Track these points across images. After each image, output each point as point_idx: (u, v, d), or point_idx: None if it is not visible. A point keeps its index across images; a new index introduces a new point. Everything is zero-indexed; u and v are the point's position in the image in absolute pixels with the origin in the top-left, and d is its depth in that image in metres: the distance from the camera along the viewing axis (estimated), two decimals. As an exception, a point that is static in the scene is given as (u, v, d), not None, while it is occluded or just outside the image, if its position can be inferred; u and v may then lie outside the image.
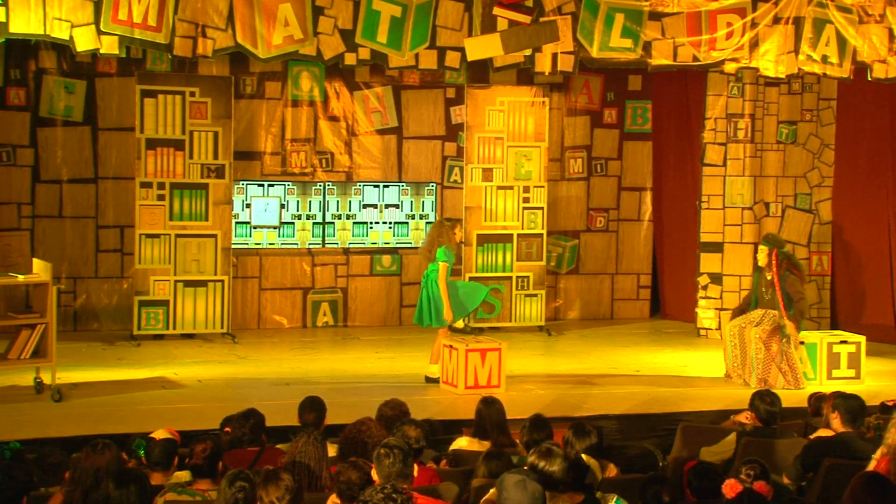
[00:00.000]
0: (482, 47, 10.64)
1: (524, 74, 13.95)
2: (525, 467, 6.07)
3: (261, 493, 5.74)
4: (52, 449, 7.48)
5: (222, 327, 13.54)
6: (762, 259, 11.62)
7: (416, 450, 6.88)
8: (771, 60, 11.86)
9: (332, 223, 14.78)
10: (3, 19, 9.75)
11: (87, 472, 6.28)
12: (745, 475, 6.36)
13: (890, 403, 9.05)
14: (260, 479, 5.86)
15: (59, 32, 9.95)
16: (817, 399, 8.94)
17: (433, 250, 11.48)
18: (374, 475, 6.13)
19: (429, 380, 11.48)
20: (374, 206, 14.90)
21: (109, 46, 10.14)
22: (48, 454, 7.15)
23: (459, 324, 12.46)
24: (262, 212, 14.52)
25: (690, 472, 6.59)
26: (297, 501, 5.83)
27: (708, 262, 14.48)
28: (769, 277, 11.55)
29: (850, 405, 7.83)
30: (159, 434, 6.87)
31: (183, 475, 6.72)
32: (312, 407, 7.71)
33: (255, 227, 14.52)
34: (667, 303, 15.87)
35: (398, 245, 14.99)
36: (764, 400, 8.26)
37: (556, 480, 5.97)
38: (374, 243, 14.95)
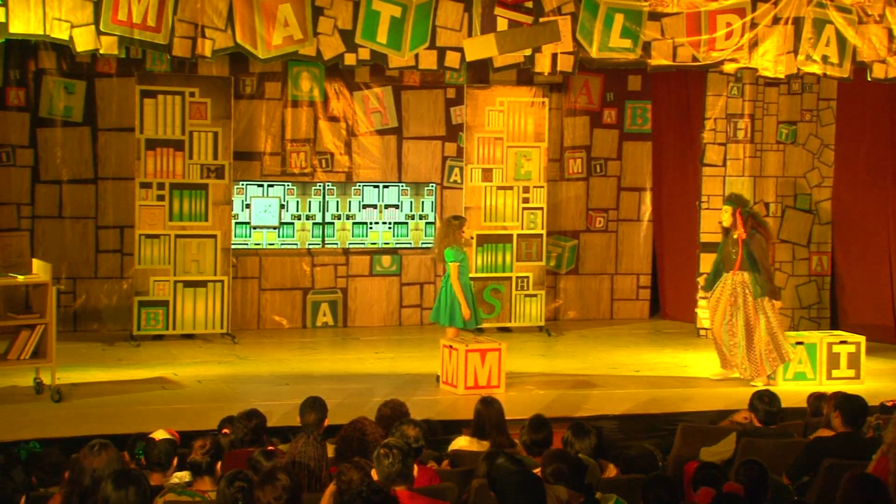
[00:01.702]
0: (479, 48, 10.64)
1: (524, 75, 13.95)
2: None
3: (258, 493, 5.74)
4: (52, 449, 7.48)
5: (222, 328, 13.54)
6: (726, 219, 11.69)
7: (415, 450, 6.88)
8: (770, 61, 11.85)
9: (332, 223, 14.78)
10: (3, 20, 9.74)
11: (85, 474, 6.28)
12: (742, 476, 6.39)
13: (889, 404, 9.05)
14: (257, 479, 5.85)
15: (59, 33, 9.94)
16: (817, 399, 8.94)
17: (441, 251, 11.54)
18: (374, 475, 6.13)
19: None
20: (374, 207, 14.89)
21: (109, 47, 10.12)
22: (48, 454, 7.14)
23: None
24: (262, 212, 14.51)
25: (697, 474, 6.59)
26: (295, 502, 5.83)
27: (708, 262, 14.43)
28: (735, 237, 11.61)
29: (852, 405, 7.84)
30: (158, 434, 6.87)
31: (183, 475, 6.72)
32: (314, 407, 7.71)
33: (254, 228, 14.52)
34: (667, 303, 15.86)
35: (398, 245, 14.99)
36: (763, 400, 8.27)
37: None
38: (374, 244, 14.94)
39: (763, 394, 8.36)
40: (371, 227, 14.92)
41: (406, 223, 15.02)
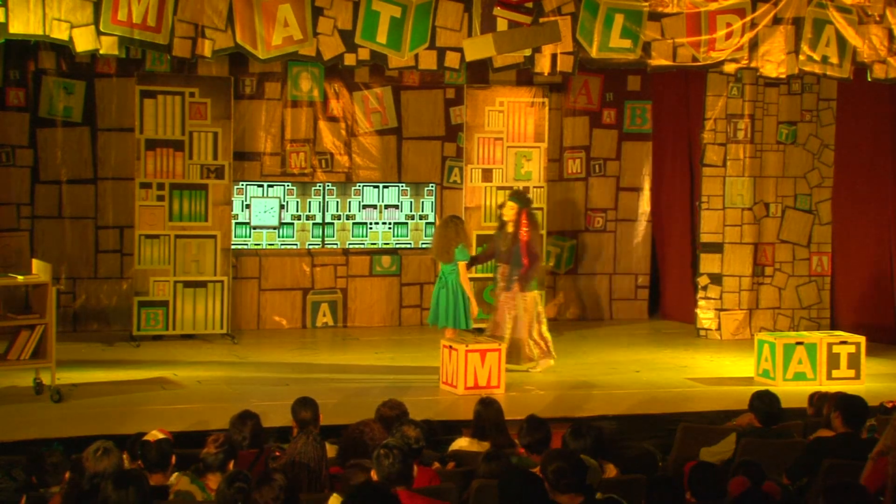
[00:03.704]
0: (478, 48, 10.64)
1: (524, 75, 13.95)
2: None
3: (255, 495, 5.73)
4: (53, 449, 7.49)
5: (222, 328, 13.54)
6: (509, 215, 11.92)
7: (415, 450, 6.89)
8: (771, 61, 11.85)
9: (332, 224, 14.77)
10: (3, 20, 9.74)
11: (86, 477, 6.29)
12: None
13: (889, 405, 9.06)
14: (253, 481, 5.85)
15: (59, 33, 9.94)
16: (819, 399, 8.94)
17: (451, 250, 11.58)
18: (374, 475, 6.14)
19: None
20: (374, 207, 14.89)
21: (109, 47, 10.13)
22: (48, 454, 7.15)
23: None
24: (262, 212, 14.51)
25: (691, 472, 6.58)
26: (293, 502, 5.83)
27: (708, 263, 14.48)
28: (510, 230, 11.85)
29: (852, 406, 7.84)
30: (153, 436, 6.86)
31: (180, 475, 6.72)
32: (306, 405, 7.72)
33: (254, 228, 14.51)
34: (667, 303, 15.83)
35: (398, 246, 14.98)
36: (763, 400, 8.26)
37: None
38: (374, 244, 14.94)
39: (763, 394, 8.35)
40: (371, 228, 14.92)
41: (406, 223, 15.02)
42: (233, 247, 13.84)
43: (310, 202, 14.66)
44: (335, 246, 14.78)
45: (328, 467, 6.83)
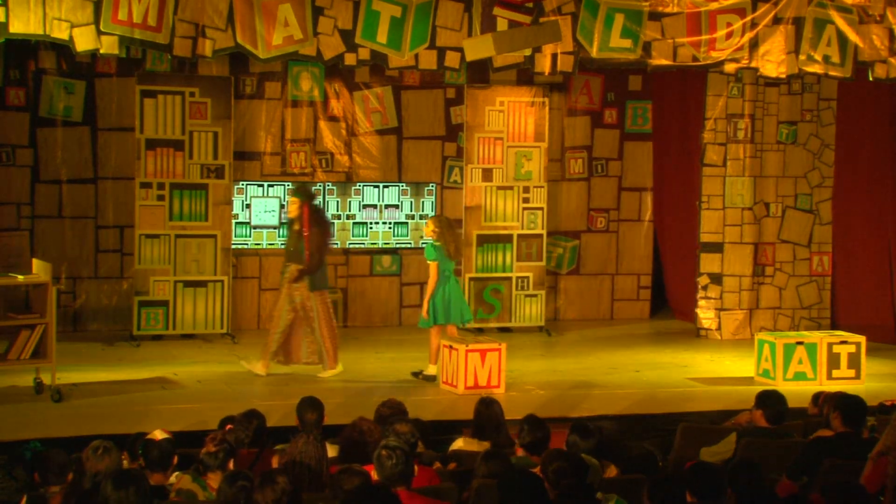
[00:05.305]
0: (478, 48, 10.64)
1: (524, 75, 13.94)
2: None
3: (257, 496, 5.73)
4: (58, 449, 7.48)
5: (222, 328, 13.54)
6: (292, 211, 11.72)
7: (413, 445, 6.90)
8: (771, 61, 11.85)
9: (332, 223, 14.75)
10: (3, 20, 9.74)
11: (87, 476, 6.29)
12: None
13: (888, 404, 9.06)
14: (256, 482, 5.85)
15: (59, 33, 9.94)
16: (824, 400, 8.94)
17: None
18: (374, 475, 6.14)
19: (426, 378, 11.54)
20: (374, 207, 14.88)
21: (109, 46, 10.13)
22: (55, 454, 7.15)
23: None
24: (262, 212, 14.50)
25: (690, 472, 6.58)
26: (295, 502, 5.83)
27: (708, 263, 14.47)
28: (296, 228, 11.66)
29: (851, 406, 7.84)
30: (156, 435, 6.87)
31: (180, 475, 6.72)
32: (313, 406, 7.71)
33: (254, 228, 14.51)
34: (676, 303, 15.76)
35: (398, 245, 14.98)
36: (773, 399, 8.25)
37: None
38: (374, 243, 14.94)
39: (772, 393, 8.35)
40: (371, 228, 14.91)
41: (406, 223, 15.01)
42: (233, 246, 13.83)
43: (310, 202, 14.64)
44: (335, 246, 14.76)
45: (329, 467, 6.83)
